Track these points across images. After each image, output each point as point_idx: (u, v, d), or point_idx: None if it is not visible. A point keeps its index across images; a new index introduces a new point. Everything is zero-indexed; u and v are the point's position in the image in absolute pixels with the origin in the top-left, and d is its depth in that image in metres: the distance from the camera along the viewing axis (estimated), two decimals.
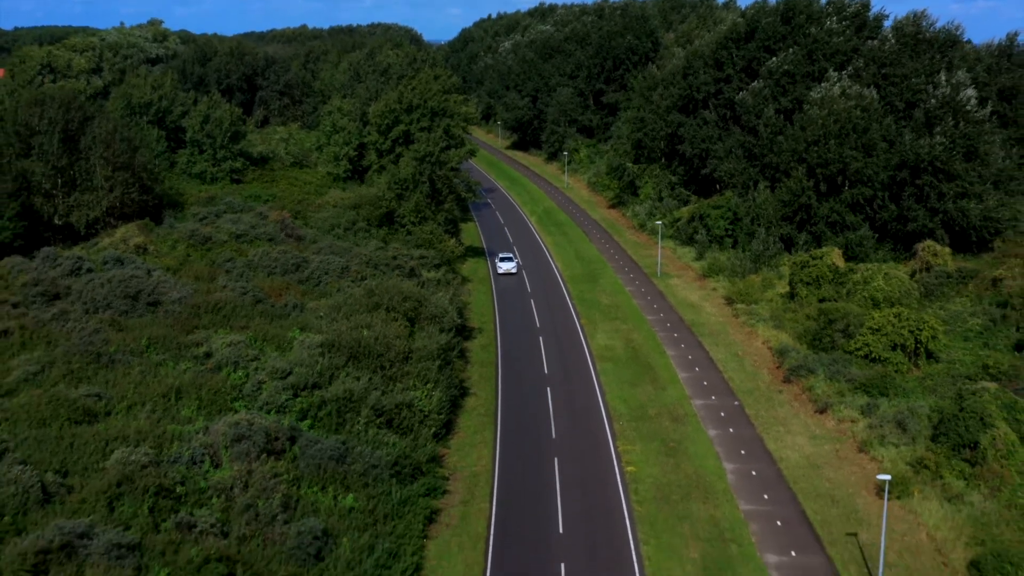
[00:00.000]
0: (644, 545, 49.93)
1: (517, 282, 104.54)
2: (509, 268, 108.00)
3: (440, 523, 52.44)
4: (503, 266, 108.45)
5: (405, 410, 58.74)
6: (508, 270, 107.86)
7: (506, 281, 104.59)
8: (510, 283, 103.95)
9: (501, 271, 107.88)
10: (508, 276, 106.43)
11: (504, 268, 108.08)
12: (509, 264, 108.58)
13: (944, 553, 48.88)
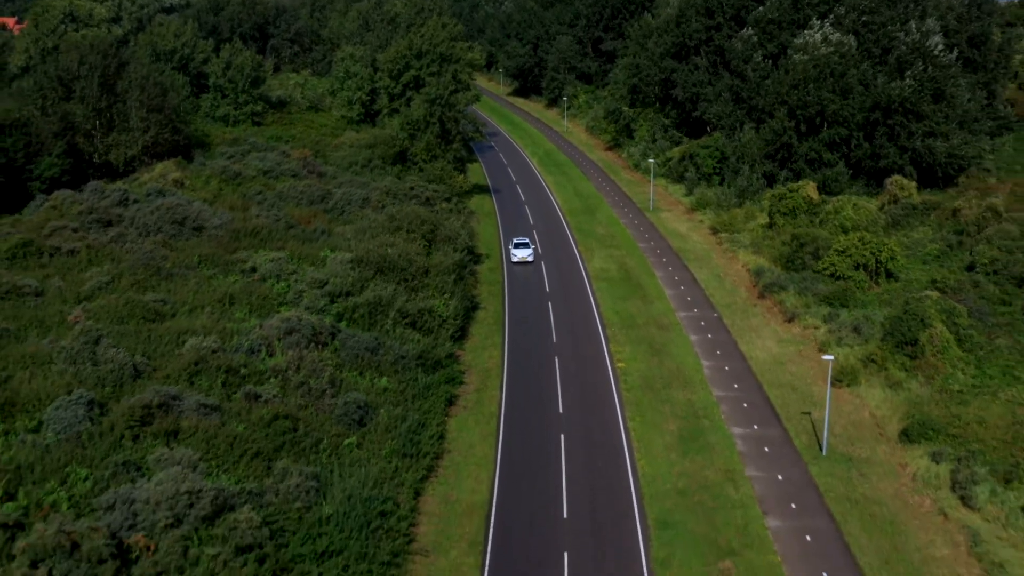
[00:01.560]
0: (631, 421, 59.45)
1: (521, 215, 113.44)
2: (525, 256, 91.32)
3: (458, 406, 61.94)
4: (518, 253, 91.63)
5: (426, 314, 68.05)
6: (524, 258, 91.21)
7: (511, 215, 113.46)
8: (515, 216, 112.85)
9: (515, 259, 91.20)
10: (515, 215, 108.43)
11: (519, 256, 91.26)
12: (525, 251, 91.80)
13: (881, 426, 58.43)
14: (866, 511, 49.14)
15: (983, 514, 48.01)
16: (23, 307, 63.29)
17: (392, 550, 43.98)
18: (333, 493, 45.48)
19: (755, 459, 54.63)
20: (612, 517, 48.59)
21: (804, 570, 44.16)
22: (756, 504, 49.79)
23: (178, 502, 40.07)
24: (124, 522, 39.29)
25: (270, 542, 40.74)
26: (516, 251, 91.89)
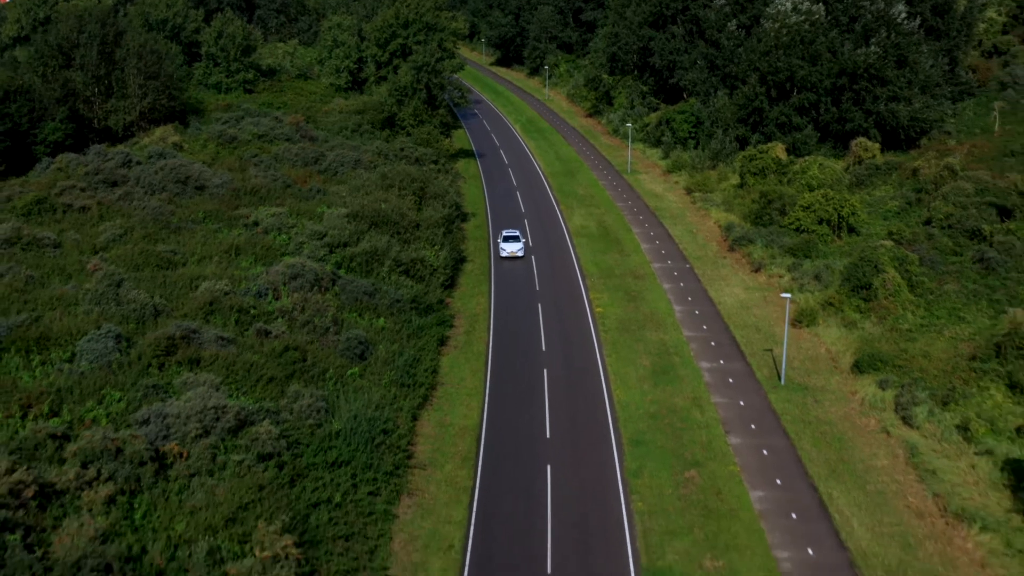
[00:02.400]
0: (608, 357, 64.92)
1: (505, 177, 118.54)
2: (515, 251, 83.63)
3: (449, 345, 67.28)
4: (507, 248, 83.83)
5: (419, 264, 73.27)
6: (513, 253, 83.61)
7: (495, 177, 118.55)
8: (499, 178, 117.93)
9: (504, 254, 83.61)
10: (499, 177, 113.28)
11: (508, 251, 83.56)
12: (515, 246, 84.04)
13: (836, 360, 64.08)
14: (818, 430, 54.78)
15: (921, 432, 53.67)
16: (44, 257, 68.14)
17: (394, 463, 49.35)
18: (340, 413, 50.78)
19: (720, 388, 60.20)
20: (590, 437, 54.08)
21: (760, 478, 49.74)
22: (719, 425, 55.37)
23: (206, 416, 45.30)
24: (159, 433, 44.48)
25: (287, 452, 46.04)
26: (505, 245, 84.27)
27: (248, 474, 43.29)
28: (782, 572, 41.99)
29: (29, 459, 41.05)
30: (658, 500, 47.72)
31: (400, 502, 47.47)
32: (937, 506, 46.78)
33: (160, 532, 39.05)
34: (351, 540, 42.76)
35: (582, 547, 43.75)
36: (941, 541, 44.09)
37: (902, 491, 48.32)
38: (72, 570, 34.85)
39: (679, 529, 45.24)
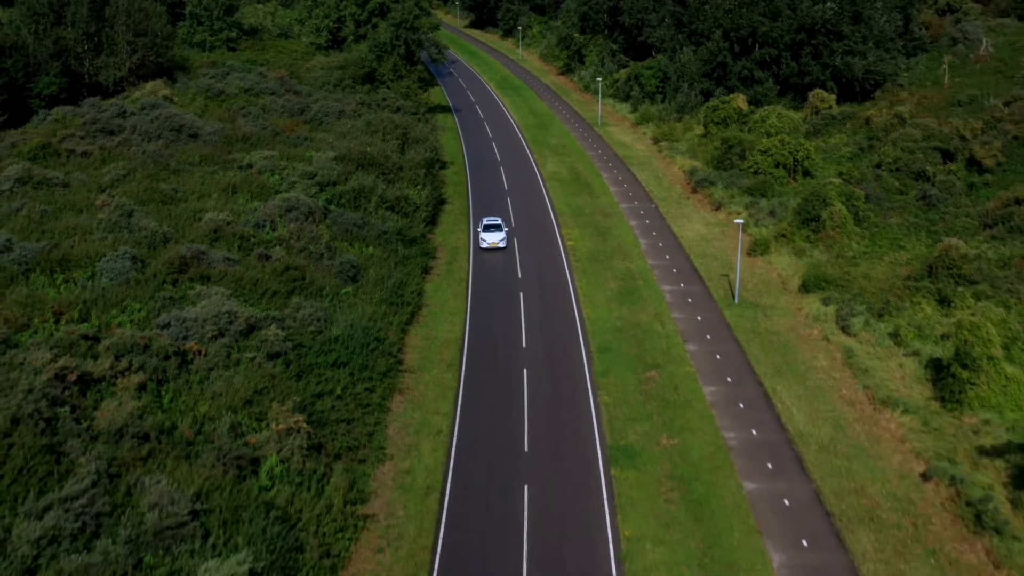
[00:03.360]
0: (579, 282, 70.92)
1: (480, 129, 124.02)
2: (496, 241, 76.44)
3: (433, 274, 73.10)
4: (488, 237, 76.60)
5: (403, 201, 78.93)
6: (494, 244, 76.43)
7: (471, 130, 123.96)
8: (475, 130, 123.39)
9: (485, 245, 76.48)
10: (476, 129, 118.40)
11: (489, 241, 76.42)
12: (496, 235, 76.79)
13: (785, 283, 70.34)
14: (766, 339, 61.05)
15: (857, 339, 60.01)
16: (54, 194, 73.25)
17: (387, 366, 55.26)
18: (337, 322, 56.58)
19: (680, 306, 66.36)
20: (562, 346, 60.13)
21: (713, 376, 55.95)
22: (678, 335, 61.55)
23: (220, 320, 50.98)
24: (179, 334, 50.14)
25: (292, 352, 51.82)
26: (486, 235, 76.53)
27: (259, 369, 48.98)
28: (729, 447, 48.21)
29: (67, 354, 46.55)
30: (622, 395, 53.86)
31: (393, 398, 53.40)
32: (867, 396, 53.13)
33: (186, 412, 44.82)
34: (352, 424, 48.68)
35: (555, 432, 49.85)
36: (868, 423, 50.46)
37: (837, 386, 54.65)
38: (115, 437, 40.54)
39: (640, 416, 51.41)
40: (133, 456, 39.67)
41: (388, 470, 46.60)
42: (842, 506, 43.18)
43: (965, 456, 46.57)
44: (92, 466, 37.44)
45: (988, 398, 50.31)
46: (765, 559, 39.65)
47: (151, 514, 35.82)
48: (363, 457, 46.83)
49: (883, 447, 48.06)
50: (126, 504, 36.75)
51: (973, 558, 39.54)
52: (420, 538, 41.40)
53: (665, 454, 47.67)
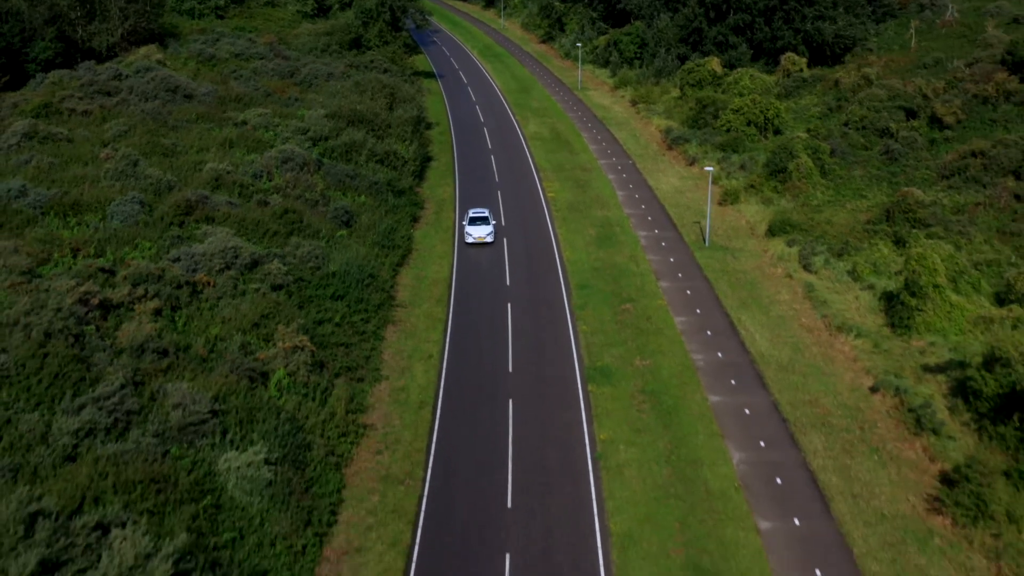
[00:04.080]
0: (559, 228, 75.18)
1: (464, 93, 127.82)
2: (483, 236, 70.60)
3: (421, 222, 77.21)
4: (474, 232, 70.86)
5: (392, 155, 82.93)
6: (481, 239, 70.62)
7: (456, 94, 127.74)
8: (459, 95, 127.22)
9: (470, 240, 70.65)
10: (459, 93, 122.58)
11: (476, 235, 70.60)
12: (483, 228, 71.07)
13: (753, 228, 74.75)
14: (733, 277, 65.48)
15: (818, 276, 64.48)
16: (60, 148, 76.88)
17: (380, 300, 59.47)
18: (334, 260, 60.68)
19: (654, 249, 70.71)
20: (543, 284, 64.40)
21: (683, 308, 60.37)
22: (652, 274, 65.91)
23: (226, 254, 55.03)
24: (189, 267, 54.16)
25: (293, 284, 55.95)
26: (472, 229, 71.15)
27: (264, 298, 53.08)
28: (696, 367, 52.66)
29: (87, 282, 50.48)
30: (599, 324, 58.23)
31: (386, 329, 57.63)
32: (824, 324, 57.66)
33: (199, 334, 48.92)
34: (350, 348, 52.91)
35: (537, 355, 54.18)
36: (824, 346, 54.99)
37: (797, 316, 59.15)
38: (137, 352, 44.63)
39: (615, 342, 55.80)
40: (154, 368, 43.77)
41: (384, 388, 50.85)
42: (797, 414, 47.68)
43: (910, 373, 51.11)
44: (119, 374, 41.53)
45: (934, 323, 54.85)
46: (726, 456, 44.14)
47: (175, 412, 39.98)
48: (361, 376, 51.05)
49: (837, 366, 52.59)
50: (152, 405, 40.87)
51: (912, 454, 44.10)
52: (415, 443, 45.71)
53: (638, 373, 52.07)
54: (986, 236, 67.25)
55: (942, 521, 39.29)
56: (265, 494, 38.08)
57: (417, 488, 42.15)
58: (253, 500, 37.71)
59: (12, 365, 40.52)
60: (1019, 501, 38.74)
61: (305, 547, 37.36)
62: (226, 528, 35.71)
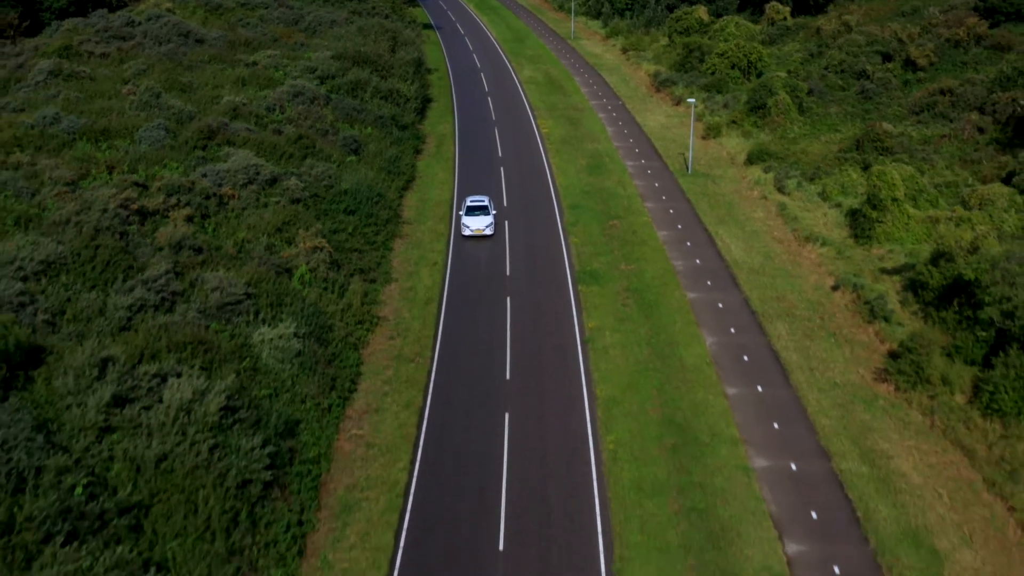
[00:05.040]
0: (553, 159, 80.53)
1: (462, 43, 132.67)
2: (481, 228, 63.27)
3: (423, 154, 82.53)
4: (472, 223, 63.41)
5: (395, 93, 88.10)
6: (479, 231, 63.28)
7: (453, 43, 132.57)
8: (456, 44, 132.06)
9: (468, 232, 63.20)
10: (456, 43, 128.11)
11: (473, 227, 63.28)
12: (481, 220, 63.59)
13: (733, 158, 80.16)
14: (713, 199, 70.96)
15: (791, 197, 69.96)
16: (84, 85, 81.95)
17: (388, 216, 64.88)
18: (345, 180, 66.04)
19: (640, 176, 76.14)
20: (537, 204, 69.81)
21: (666, 224, 65.84)
22: (638, 196, 71.36)
23: (249, 171, 60.37)
24: (215, 182, 59.49)
25: (310, 199, 61.34)
26: (469, 220, 63.60)
27: (285, 209, 58.46)
28: (676, 271, 58.19)
29: (125, 191, 55.81)
30: (589, 237, 63.74)
31: (395, 241, 63.09)
32: (793, 236, 63.21)
33: (228, 237, 54.35)
34: (363, 254, 58.38)
35: (532, 262, 59.68)
36: (792, 254, 60.56)
37: (770, 230, 64.70)
38: (175, 248, 50.04)
39: (603, 251, 61.33)
40: (191, 261, 49.20)
41: (394, 288, 56.40)
42: (764, 308, 53.30)
43: (869, 274, 56.72)
44: (162, 264, 46.96)
45: (892, 233, 60.42)
46: (700, 339, 49.78)
47: (214, 294, 45.47)
48: (373, 278, 56.57)
49: (803, 270, 58.20)
50: (192, 290, 46.35)
51: (864, 338, 49.77)
52: (424, 330, 51.29)
53: (623, 276, 57.64)
54: (948, 163, 72.69)
55: (886, 388, 44.97)
56: (295, 362, 43.61)
57: (426, 365, 47.75)
58: (284, 367, 43.24)
59: (68, 254, 45.88)
60: (953, 369, 44.39)
61: (331, 406, 42.97)
62: (263, 386, 41.27)
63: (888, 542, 34.68)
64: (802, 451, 40.26)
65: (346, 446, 40.99)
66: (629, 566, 33.60)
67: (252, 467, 34.75)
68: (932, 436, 41.23)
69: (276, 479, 36.12)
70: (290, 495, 36.38)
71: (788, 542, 34.80)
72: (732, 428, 41.88)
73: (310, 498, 36.92)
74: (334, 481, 38.62)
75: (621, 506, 36.80)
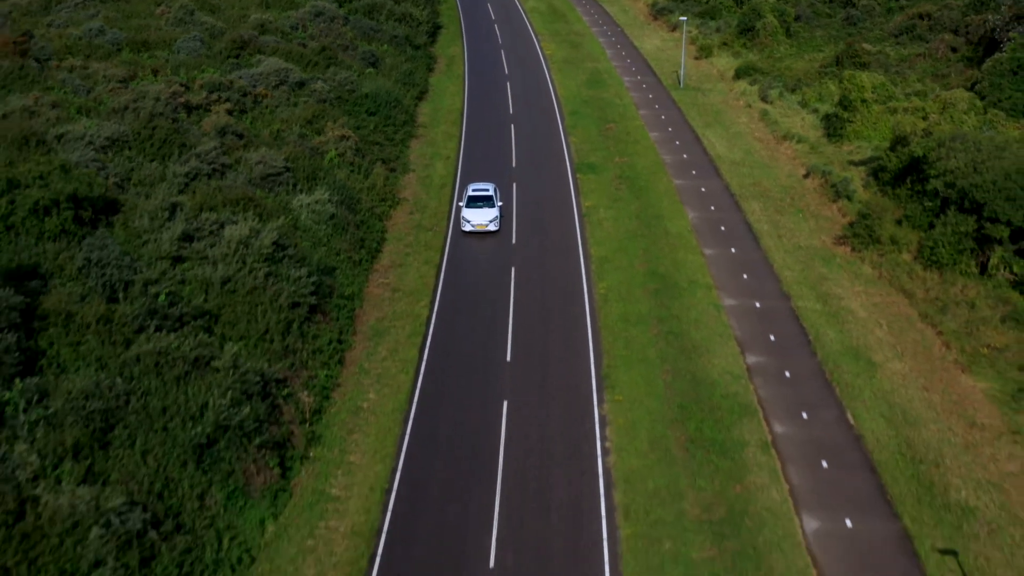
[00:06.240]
0: (554, 75, 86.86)
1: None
2: (484, 223, 54.07)
3: (435, 71, 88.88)
4: (473, 217, 54.33)
5: (408, 16, 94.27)
6: (482, 226, 54.10)
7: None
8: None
9: (468, 228, 54.14)
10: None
11: (475, 222, 54.13)
12: (485, 214, 54.51)
13: (723, 74, 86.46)
14: (702, 107, 77.37)
15: (773, 105, 76.33)
16: (118, 6, 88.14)
17: (405, 119, 71.39)
18: (366, 86, 72.50)
19: (635, 89, 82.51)
20: (540, 112, 76.31)
21: (657, 127, 72.33)
22: (633, 105, 77.78)
23: (279, 74, 66.84)
24: (248, 83, 65.98)
25: (335, 100, 67.80)
26: (471, 213, 54.67)
27: (314, 106, 65.00)
28: (665, 164, 64.75)
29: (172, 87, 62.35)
30: (587, 138, 70.28)
31: (411, 142, 69.67)
32: (773, 136, 69.71)
33: (264, 128, 60.95)
34: (383, 147, 65.00)
35: (535, 156, 66.27)
36: (771, 151, 67.09)
37: (752, 132, 71.19)
38: (220, 132, 56.62)
39: (600, 148, 67.89)
40: (235, 144, 55.85)
41: (412, 177, 63.07)
42: (742, 191, 59.94)
43: (838, 166, 63.27)
44: (212, 143, 53.61)
45: (861, 131, 66.88)
46: (683, 214, 56.47)
47: (258, 166, 52.15)
48: (393, 167, 63.23)
49: (779, 162, 64.78)
50: (238, 164, 53.04)
51: (828, 213, 56.44)
52: (439, 208, 58.02)
53: (617, 167, 64.27)
54: (919, 77, 78.94)
55: (844, 249, 51.71)
56: (329, 224, 50.35)
57: (442, 233, 54.52)
58: (320, 227, 49.99)
59: (130, 133, 52.52)
60: (901, 233, 51.06)
61: (361, 260, 49.80)
62: (303, 240, 48.06)
63: (833, 356, 41.53)
64: (766, 294, 47.07)
65: (375, 291, 47.85)
66: (615, 371, 40.49)
67: (300, 292, 41.56)
68: (879, 284, 47.99)
69: (319, 306, 42.96)
70: (331, 320, 43.27)
71: (748, 355, 41.68)
72: (707, 278, 48.67)
73: (347, 324, 43.83)
74: (366, 315, 45.51)
75: (610, 332, 43.66)
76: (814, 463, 34.59)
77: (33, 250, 38.86)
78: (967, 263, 47.74)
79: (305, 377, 38.85)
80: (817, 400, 38.41)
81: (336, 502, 32.96)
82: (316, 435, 36.39)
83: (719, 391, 38.92)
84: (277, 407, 35.91)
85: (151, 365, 33.83)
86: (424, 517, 31.96)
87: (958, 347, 42.02)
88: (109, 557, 26.65)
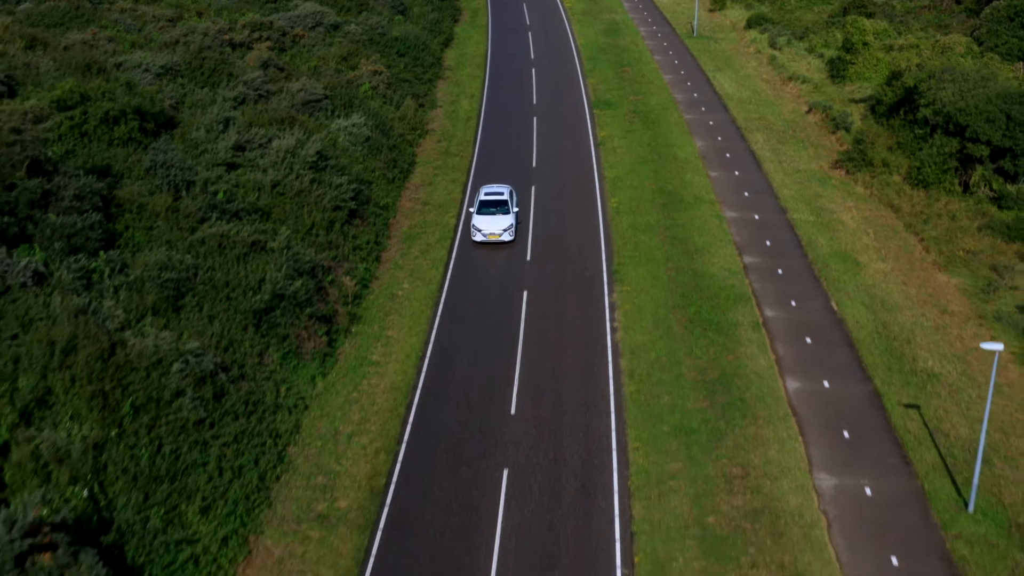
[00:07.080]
0: (575, 26, 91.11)
1: None
2: (496, 233, 47.17)
3: (460, 22, 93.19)
4: (486, 226, 47.32)
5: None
6: (495, 236, 47.22)
7: None
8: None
9: (479, 238, 47.19)
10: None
11: (487, 231, 47.21)
12: (498, 223, 47.48)
13: (735, 25, 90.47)
14: (713, 54, 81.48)
15: (781, 51, 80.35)
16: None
17: (432, 61, 75.84)
18: (395, 30, 76.91)
19: (651, 38, 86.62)
20: (560, 56, 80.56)
21: (671, 70, 76.52)
22: (648, 52, 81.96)
23: (315, 16, 71.35)
24: (287, 24, 70.50)
25: (367, 41, 72.28)
26: (482, 222, 47.71)
27: (348, 45, 69.49)
28: (676, 101, 69.00)
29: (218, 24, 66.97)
30: (604, 79, 74.54)
31: (437, 82, 74.07)
32: (779, 78, 73.81)
33: (303, 63, 65.47)
34: (412, 84, 69.44)
35: (555, 94, 70.60)
36: (777, 90, 71.25)
37: (760, 74, 75.31)
38: (263, 65, 61.19)
39: (615, 88, 72.17)
40: (277, 76, 60.44)
41: (439, 111, 67.57)
42: (748, 124, 64.19)
43: (839, 102, 67.40)
44: (256, 72, 58.21)
45: (863, 73, 70.90)
46: (691, 143, 60.78)
47: (299, 93, 56.74)
48: (423, 102, 67.72)
49: (784, 100, 68.96)
50: (281, 93, 57.64)
51: (827, 143, 60.67)
52: (465, 137, 62.50)
53: (631, 104, 68.59)
54: (923, 26, 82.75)
55: (839, 172, 55.98)
56: (364, 145, 54.95)
57: (468, 158, 59.04)
58: (356, 148, 54.57)
59: (182, 63, 57.18)
60: (892, 157, 55.26)
61: (394, 178, 54.42)
62: (341, 157, 52.68)
63: (822, 258, 45.93)
64: (764, 208, 51.45)
65: (407, 204, 52.47)
66: (624, 268, 45.02)
67: (341, 196, 46.20)
68: (870, 201, 52.29)
69: (358, 211, 47.62)
70: (368, 225, 47.93)
71: (745, 256, 46.12)
72: (711, 195, 53.07)
73: (383, 230, 48.49)
74: (399, 223, 50.15)
75: (621, 238, 48.16)
76: (799, 339, 39.05)
77: (105, 153, 43.58)
78: (951, 182, 51.92)
79: (347, 268, 43.53)
80: (805, 292, 42.83)
81: (376, 366, 37.64)
82: (357, 315, 41.08)
83: (717, 283, 43.38)
84: (323, 289, 40.62)
85: (215, 246, 38.55)
86: (454, 377, 36.65)
87: (937, 251, 46.33)
88: (188, 388, 31.37)
